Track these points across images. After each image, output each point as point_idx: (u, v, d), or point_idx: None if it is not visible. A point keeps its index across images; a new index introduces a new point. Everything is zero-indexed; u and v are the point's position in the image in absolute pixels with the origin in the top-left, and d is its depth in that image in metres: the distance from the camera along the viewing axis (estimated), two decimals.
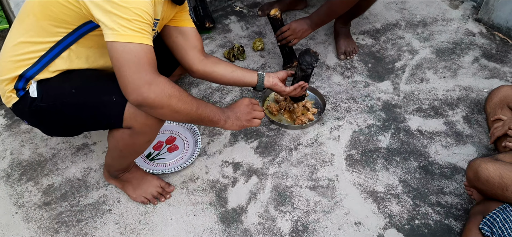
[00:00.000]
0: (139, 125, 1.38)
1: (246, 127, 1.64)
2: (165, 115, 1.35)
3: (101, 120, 1.40)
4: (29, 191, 1.75)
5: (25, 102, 1.40)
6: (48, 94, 1.38)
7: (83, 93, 1.38)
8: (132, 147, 1.49)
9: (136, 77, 1.21)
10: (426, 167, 1.85)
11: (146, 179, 1.72)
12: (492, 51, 2.46)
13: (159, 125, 1.44)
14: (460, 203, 1.71)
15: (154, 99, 1.25)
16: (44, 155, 1.89)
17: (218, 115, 1.52)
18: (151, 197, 1.71)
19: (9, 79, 1.38)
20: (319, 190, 1.77)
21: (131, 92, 1.23)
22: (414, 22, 2.71)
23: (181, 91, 1.34)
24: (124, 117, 1.36)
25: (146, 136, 1.46)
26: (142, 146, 1.51)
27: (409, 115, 2.10)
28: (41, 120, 1.46)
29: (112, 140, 1.48)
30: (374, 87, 2.25)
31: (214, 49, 2.51)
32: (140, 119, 1.37)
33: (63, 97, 1.38)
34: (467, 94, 2.20)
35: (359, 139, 1.98)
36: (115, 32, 1.18)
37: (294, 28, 2.13)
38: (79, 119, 1.43)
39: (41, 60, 1.36)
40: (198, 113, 1.40)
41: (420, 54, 2.46)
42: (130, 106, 1.34)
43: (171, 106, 1.30)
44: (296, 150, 1.94)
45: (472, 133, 2.00)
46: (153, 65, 1.26)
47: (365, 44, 2.54)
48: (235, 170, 1.85)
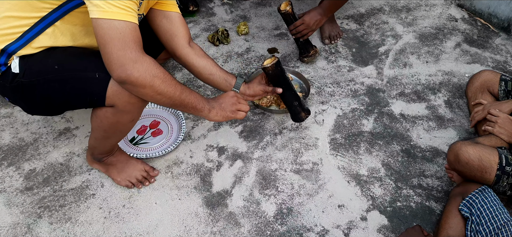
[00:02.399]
0: (122, 103, 1.37)
1: (230, 118, 1.61)
2: (147, 95, 1.32)
3: (84, 97, 1.38)
4: (10, 176, 1.72)
5: (6, 78, 1.37)
6: (30, 70, 1.35)
7: (66, 69, 1.35)
8: (115, 126, 1.47)
9: (120, 54, 1.20)
10: (409, 150, 1.88)
11: (130, 163, 1.71)
12: (474, 37, 2.49)
13: (143, 104, 1.42)
14: (441, 185, 1.75)
15: (138, 77, 1.24)
16: (25, 139, 1.86)
17: (202, 103, 1.49)
18: (136, 180, 1.70)
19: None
20: (303, 173, 1.78)
21: (115, 68, 1.22)
22: (398, 7, 2.72)
23: (166, 73, 1.32)
24: (107, 94, 1.34)
25: (129, 114, 1.43)
26: (126, 125, 1.49)
27: (392, 99, 2.12)
28: (23, 97, 1.43)
29: (95, 120, 1.45)
30: (358, 72, 2.27)
31: (198, 32, 2.49)
32: (123, 97, 1.35)
33: (46, 73, 1.35)
34: (449, 79, 2.23)
35: (343, 123, 2.00)
36: (100, 9, 1.17)
37: (308, 22, 2.13)
38: (61, 96, 1.40)
39: (24, 35, 1.33)
40: (181, 98, 1.39)
41: (403, 39, 2.48)
42: (113, 84, 1.32)
43: (154, 86, 1.29)
44: (280, 134, 1.94)
45: (453, 117, 2.04)
46: (138, 43, 1.24)
47: (350, 28, 2.55)
48: (220, 154, 1.85)
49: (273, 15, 2.64)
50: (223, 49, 2.39)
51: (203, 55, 1.70)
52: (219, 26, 2.53)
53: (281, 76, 1.74)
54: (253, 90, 1.75)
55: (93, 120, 1.47)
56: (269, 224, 1.60)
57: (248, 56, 2.35)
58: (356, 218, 1.63)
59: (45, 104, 1.46)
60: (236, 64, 2.29)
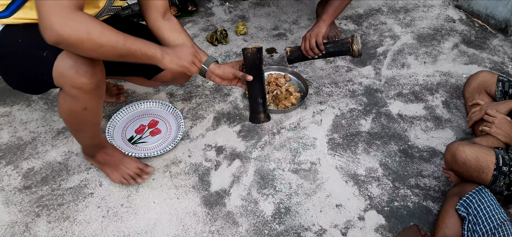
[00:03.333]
0: (67, 87, 1.32)
1: (185, 69, 1.45)
2: (87, 51, 1.21)
3: (37, 76, 1.35)
4: (8, 174, 1.72)
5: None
6: (4, 40, 1.34)
7: (25, 45, 1.32)
8: (72, 115, 1.43)
9: (50, 11, 1.11)
10: (406, 150, 1.89)
11: (124, 160, 1.71)
12: (471, 38, 2.51)
13: (90, 91, 1.34)
14: (438, 185, 1.76)
15: (71, 35, 1.13)
16: (24, 138, 1.86)
17: (153, 49, 1.35)
18: (129, 177, 1.70)
19: None
20: (301, 173, 1.79)
21: (44, 29, 1.13)
22: (396, 8, 2.73)
23: (104, 25, 1.20)
24: (53, 74, 1.29)
25: (78, 102, 1.37)
26: (82, 114, 1.42)
27: (390, 99, 2.13)
28: (2, 67, 1.42)
29: (58, 108, 1.45)
30: (356, 72, 2.28)
31: (196, 32, 2.50)
32: (67, 80, 1.29)
33: (10, 46, 1.34)
34: (447, 80, 2.24)
35: (341, 123, 2.00)
36: None
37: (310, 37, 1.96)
38: (21, 71, 1.38)
39: (10, 6, 1.32)
40: (126, 46, 1.26)
41: (401, 40, 2.49)
42: (58, 64, 1.27)
43: (91, 40, 1.17)
44: (278, 134, 1.95)
45: (450, 117, 2.04)
46: (73, 3, 1.14)
47: (348, 29, 2.56)
48: (218, 154, 1.85)
49: (271, 15, 2.64)
50: (222, 49, 2.39)
51: (176, 30, 1.60)
52: (218, 26, 2.53)
53: (257, 66, 1.70)
54: (223, 71, 1.62)
55: (60, 103, 1.43)
56: (267, 223, 1.61)
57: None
58: (353, 217, 1.64)
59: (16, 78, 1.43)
60: None
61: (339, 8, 2.00)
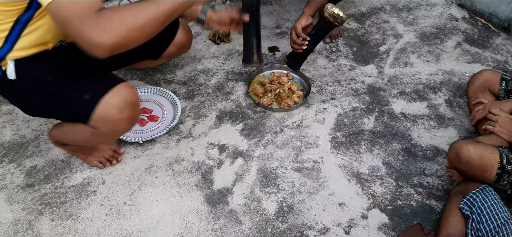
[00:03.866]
0: (107, 129, 1.36)
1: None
2: (136, 41, 1.13)
3: (69, 115, 1.41)
4: (11, 172, 1.72)
5: (4, 82, 1.37)
6: (25, 77, 1.36)
7: (57, 85, 1.35)
8: (89, 142, 1.51)
9: (81, 28, 1.04)
10: (409, 149, 1.89)
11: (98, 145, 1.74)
12: (474, 36, 2.50)
13: (127, 130, 1.42)
14: (441, 184, 1.75)
15: (115, 38, 1.06)
16: (26, 136, 1.86)
17: None
18: (105, 160, 1.74)
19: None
20: (304, 171, 1.79)
21: (89, 48, 1.06)
22: (399, 7, 2.73)
23: (131, 7, 1.10)
24: (92, 117, 1.32)
25: (109, 138, 1.45)
26: (101, 143, 1.52)
27: (393, 98, 2.12)
28: (20, 101, 1.45)
29: (71, 128, 1.48)
30: (359, 71, 2.27)
31: (199, 31, 2.49)
32: (109, 125, 1.34)
33: (39, 83, 1.36)
34: (450, 78, 2.24)
35: (344, 121, 2.00)
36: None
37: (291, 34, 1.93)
38: (50, 107, 1.42)
39: (8, 39, 1.30)
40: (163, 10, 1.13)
41: (404, 38, 2.48)
42: (102, 110, 1.30)
43: (132, 29, 1.08)
44: (281, 132, 1.95)
45: (454, 116, 2.04)
46: (90, 5, 1.06)
47: (351, 27, 2.55)
48: (221, 152, 1.85)
49: (274, 14, 2.64)
50: (224, 48, 2.39)
51: None
52: None
53: (254, 7, 1.74)
54: (220, 16, 1.76)
55: (68, 126, 1.49)
56: (270, 221, 1.61)
57: None
58: (356, 216, 1.64)
59: (38, 109, 1.48)
60: (237, 63, 2.29)
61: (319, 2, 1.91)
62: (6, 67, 1.35)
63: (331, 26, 1.79)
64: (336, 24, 1.77)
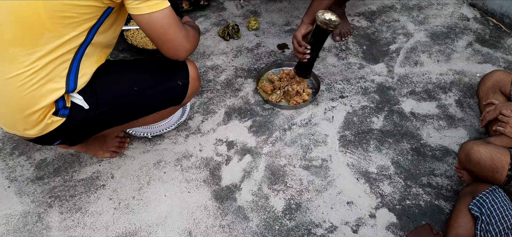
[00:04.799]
0: (189, 99, 1.58)
1: None
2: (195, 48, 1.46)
3: (166, 104, 1.54)
4: (21, 165, 1.74)
5: (74, 119, 1.33)
6: (104, 98, 1.37)
7: (146, 88, 1.44)
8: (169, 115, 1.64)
9: (179, 36, 1.32)
10: (418, 149, 1.87)
11: (107, 136, 1.77)
12: (486, 36, 2.48)
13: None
14: (450, 184, 1.74)
15: (192, 47, 1.41)
16: None
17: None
18: (114, 149, 1.78)
19: (48, 106, 1.26)
20: (312, 169, 1.78)
21: (181, 51, 1.36)
22: (410, 5, 2.71)
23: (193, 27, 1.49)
24: (187, 95, 1.53)
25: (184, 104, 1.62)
26: None
27: (402, 97, 2.11)
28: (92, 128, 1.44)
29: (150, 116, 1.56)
30: (369, 69, 2.26)
31: (208, 27, 2.49)
32: (192, 95, 1.58)
33: (126, 96, 1.42)
34: (460, 78, 2.22)
35: (353, 120, 1.99)
36: (149, 4, 1.21)
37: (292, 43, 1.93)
38: (142, 110, 1.51)
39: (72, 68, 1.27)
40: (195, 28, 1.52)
41: (414, 38, 2.47)
42: (192, 86, 1.52)
43: (196, 38, 1.45)
44: (290, 130, 1.94)
45: (464, 116, 2.02)
46: (180, 21, 1.36)
47: (360, 26, 2.54)
48: (229, 149, 1.85)
49: (283, 11, 2.63)
50: (233, 44, 2.39)
51: None
52: (229, 21, 2.53)
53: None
54: None
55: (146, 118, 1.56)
56: (277, 219, 1.61)
57: (258, 52, 2.35)
58: (364, 215, 1.63)
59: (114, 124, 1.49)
60: (246, 59, 2.29)
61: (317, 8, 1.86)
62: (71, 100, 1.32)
63: (327, 31, 1.81)
64: (330, 29, 1.79)
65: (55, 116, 1.30)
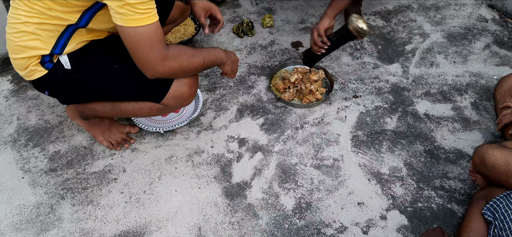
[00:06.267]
0: (175, 104, 1.55)
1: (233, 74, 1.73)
2: (178, 76, 1.47)
3: (141, 95, 1.52)
4: (35, 157, 1.76)
5: (54, 74, 1.43)
6: (85, 66, 1.43)
7: (126, 69, 1.43)
8: (149, 114, 1.61)
9: (150, 57, 1.30)
10: (432, 151, 1.85)
11: (114, 124, 1.80)
12: (504, 38, 2.43)
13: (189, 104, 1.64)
14: (464, 188, 1.71)
15: (169, 72, 1.38)
16: (51, 122, 1.90)
17: (218, 53, 1.58)
18: (116, 143, 1.79)
19: (33, 57, 1.39)
20: (324, 169, 1.77)
21: (147, 70, 1.34)
22: (427, 5, 2.67)
23: (187, 52, 1.43)
24: (167, 96, 1.50)
25: (167, 112, 1.62)
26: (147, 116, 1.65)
27: (417, 98, 2.08)
28: (69, 89, 1.50)
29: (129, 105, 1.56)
30: (383, 69, 2.24)
31: None
32: (179, 101, 1.53)
33: (104, 70, 1.45)
34: (477, 81, 2.18)
35: (366, 120, 1.98)
36: (124, 17, 1.22)
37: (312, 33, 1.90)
38: (116, 90, 1.51)
39: (61, 38, 1.38)
40: (205, 63, 1.51)
41: (431, 38, 2.43)
42: (176, 89, 1.49)
43: (182, 69, 1.42)
44: (302, 128, 1.94)
45: (479, 119, 1.99)
46: (162, 40, 1.32)
47: (376, 25, 2.51)
48: (241, 146, 1.85)
49: (298, 9, 2.62)
50: (247, 41, 2.39)
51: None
52: (244, 18, 2.53)
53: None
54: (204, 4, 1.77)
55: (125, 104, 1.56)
56: (287, 217, 1.60)
57: (272, 49, 2.34)
58: (375, 216, 1.62)
59: (91, 95, 1.55)
60: (259, 57, 2.29)
61: (342, 3, 1.90)
62: (57, 59, 1.42)
63: (353, 38, 1.81)
64: (359, 38, 1.80)
65: (40, 66, 1.41)
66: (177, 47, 1.40)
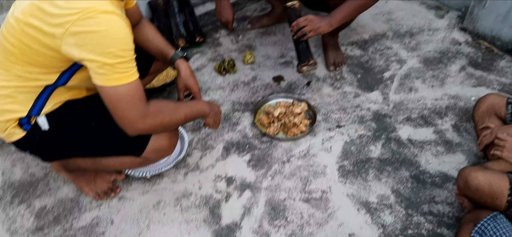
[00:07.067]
0: (155, 157, 1.56)
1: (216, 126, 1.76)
2: (159, 132, 1.49)
3: (119, 150, 1.52)
4: (21, 215, 1.73)
5: (33, 135, 1.43)
6: (63, 125, 1.43)
7: (105, 125, 1.42)
8: (130, 167, 1.62)
9: (130, 115, 1.30)
10: (418, 176, 1.87)
11: (99, 174, 1.78)
12: (478, 60, 2.50)
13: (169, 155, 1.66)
14: (452, 211, 1.74)
15: (149, 129, 1.38)
16: (36, 174, 1.88)
17: (200, 106, 1.60)
18: (102, 192, 1.78)
19: (10, 120, 1.39)
20: (313, 202, 1.78)
21: (127, 128, 1.33)
22: (401, 32, 2.74)
23: (169, 109, 1.44)
24: (146, 150, 1.51)
25: (149, 163, 1.61)
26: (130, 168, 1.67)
27: (399, 124, 2.12)
28: (49, 149, 1.50)
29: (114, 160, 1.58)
30: (364, 97, 2.28)
31: (204, 63, 2.52)
32: (159, 154, 1.55)
33: (82, 128, 1.45)
34: (455, 103, 2.23)
35: (351, 149, 2.00)
36: (103, 77, 1.22)
37: (311, 19, 1.99)
38: (96, 147, 1.51)
39: (39, 99, 1.39)
40: (186, 118, 1.52)
41: (408, 64, 2.49)
42: (155, 142, 1.50)
43: (163, 125, 1.42)
44: (288, 162, 1.95)
45: (461, 141, 2.03)
46: (142, 98, 1.32)
47: (354, 55, 2.57)
48: (228, 185, 1.85)
49: (278, 44, 2.67)
50: (230, 79, 2.41)
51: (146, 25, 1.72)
52: (225, 56, 2.56)
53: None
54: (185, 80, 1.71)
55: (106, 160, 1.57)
56: None
57: (254, 85, 2.37)
58: None
59: (71, 153, 1.56)
60: (243, 93, 2.31)
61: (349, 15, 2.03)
62: (35, 120, 1.42)
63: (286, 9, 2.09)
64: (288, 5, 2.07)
65: (19, 128, 1.42)
66: (158, 103, 1.40)
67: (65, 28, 1.16)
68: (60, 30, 1.17)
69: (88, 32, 1.17)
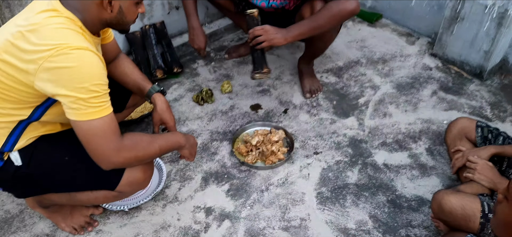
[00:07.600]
0: (131, 190, 1.55)
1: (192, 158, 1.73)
2: (134, 165, 1.48)
3: (95, 184, 1.50)
4: None
5: (5, 171, 1.41)
6: (36, 161, 1.41)
7: (78, 160, 1.41)
8: (105, 202, 1.61)
9: (104, 148, 1.29)
10: (394, 200, 1.91)
11: (76, 208, 1.76)
12: (449, 84, 2.59)
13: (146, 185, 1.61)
14: (429, 235, 1.76)
15: (123, 162, 1.38)
16: (11, 211, 1.84)
17: (175, 138, 1.59)
18: (79, 227, 1.76)
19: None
20: (292, 230, 1.79)
21: (102, 162, 1.32)
22: (374, 59, 2.82)
23: (143, 142, 1.43)
24: (120, 183, 1.50)
25: (124, 197, 1.60)
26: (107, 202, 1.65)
27: (375, 149, 2.16)
28: (23, 185, 1.47)
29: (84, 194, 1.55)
30: (340, 124, 2.32)
31: (182, 93, 2.53)
32: (134, 186, 1.54)
33: (55, 163, 1.44)
34: (428, 127, 2.29)
35: (328, 176, 2.02)
36: (77, 112, 1.22)
37: (267, 30, 2.00)
38: (69, 182, 1.49)
39: (12, 134, 1.37)
40: (161, 151, 1.51)
41: (381, 90, 2.56)
42: (129, 175, 1.49)
43: (138, 158, 1.42)
44: (267, 190, 1.96)
45: (435, 164, 2.08)
46: (117, 131, 1.32)
47: (329, 82, 2.62)
48: (207, 215, 1.84)
49: None
50: (208, 108, 2.43)
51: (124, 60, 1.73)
52: (203, 86, 2.58)
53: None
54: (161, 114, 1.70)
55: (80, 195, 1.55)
56: None
57: (232, 114, 2.39)
58: None
59: (45, 189, 1.53)
60: (221, 122, 2.33)
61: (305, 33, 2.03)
62: (8, 156, 1.40)
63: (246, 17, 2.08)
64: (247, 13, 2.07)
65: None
66: (132, 137, 1.40)
67: (39, 64, 1.17)
68: (33, 66, 1.18)
69: (61, 68, 1.17)
